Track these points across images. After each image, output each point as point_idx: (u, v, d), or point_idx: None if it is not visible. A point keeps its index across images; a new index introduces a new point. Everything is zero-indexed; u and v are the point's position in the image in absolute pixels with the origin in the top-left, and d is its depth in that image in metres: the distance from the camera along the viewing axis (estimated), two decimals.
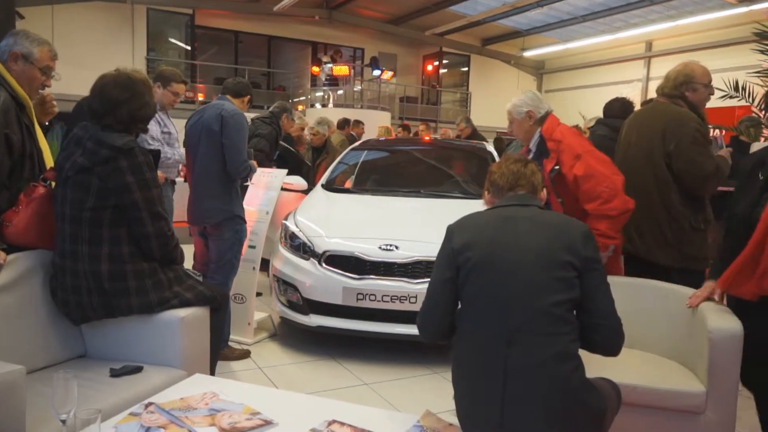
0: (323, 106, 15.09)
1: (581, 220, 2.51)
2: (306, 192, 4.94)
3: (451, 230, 1.89)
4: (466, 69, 19.45)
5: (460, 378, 1.80)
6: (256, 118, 5.18)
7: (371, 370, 3.55)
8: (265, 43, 17.38)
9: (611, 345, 1.81)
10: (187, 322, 2.29)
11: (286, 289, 3.89)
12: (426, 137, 8.04)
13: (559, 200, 2.96)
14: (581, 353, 1.72)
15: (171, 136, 3.91)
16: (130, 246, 2.27)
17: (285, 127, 5.28)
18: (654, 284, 2.72)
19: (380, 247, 3.66)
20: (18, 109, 2.37)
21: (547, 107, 3.05)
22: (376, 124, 9.86)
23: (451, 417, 1.91)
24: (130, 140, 2.25)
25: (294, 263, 3.86)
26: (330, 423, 1.81)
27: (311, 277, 3.73)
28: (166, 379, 2.15)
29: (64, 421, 1.50)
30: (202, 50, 17.00)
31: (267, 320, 4.27)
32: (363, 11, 16.86)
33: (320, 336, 3.90)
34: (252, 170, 3.56)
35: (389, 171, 5.43)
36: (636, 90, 15.50)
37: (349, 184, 5.01)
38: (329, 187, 4.86)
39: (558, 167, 2.89)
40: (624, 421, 1.99)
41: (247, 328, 3.95)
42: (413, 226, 3.90)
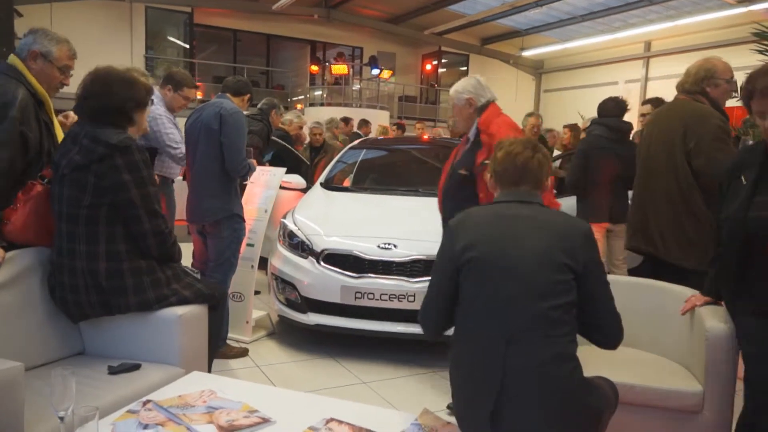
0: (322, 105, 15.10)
1: None
2: (305, 190, 4.94)
3: (452, 228, 1.88)
4: (465, 68, 19.41)
5: (458, 377, 1.80)
6: (246, 115, 5.19)
7: (369, 369, 3.55)
8: (264, 41, 17.36)
9: (610, 341, 1.84)
10: (185, 319, 2.29)
11: (285, 288, 3.90)
12: (424, 136, 8.07)
13: (481, 194, 2.81)
14: (579, 351, 1.72)
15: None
16: (128, 243, 2.26)
17: (274, 122, 5.32)
18: (652, 284, 2.72)
19: (379, 246, 3.66)
20: (36, 105, 2.37)
21: (489, 96, 2.93)
22: (375, 123, 9.89)
23: (449, 415, 1.91)
24: (126, 137, 2.24)
25: (292, 262, 3.86)
26: (328, 421, 1.81)
27: (309, 275, 3.73)
28: (164, 376, 2.15)
29: (62, 418, 1.50)
30: (201, 49, 16.99)
31: (265, 318, 4.26)
32: (362, 10, 16.84)
33: (318, 334, 3.90)
34: (251, 169, 3.56)
35: (388, 170, 5.43)
36: (633, 91, 15.50)
37: (347, 183, 5.01)
38: (328, 185, 4.86)
39: (488, 162, 2.82)
40: (621, 421, 2.00)
41: (245, 326, 3.95)
42: (412, 225, 3.90)
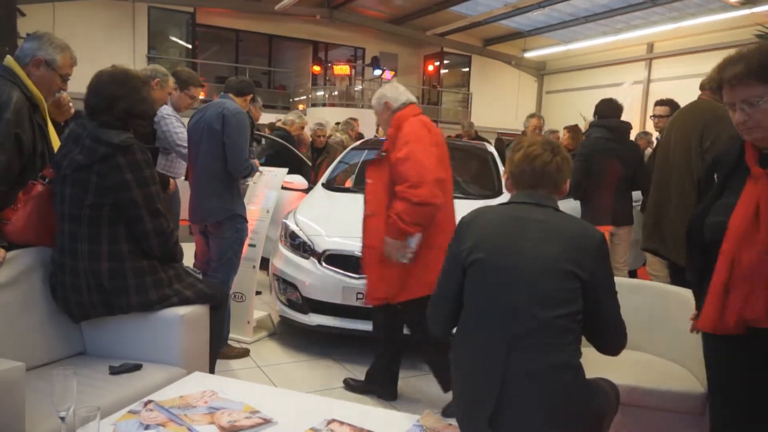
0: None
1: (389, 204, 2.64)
2: (306, 191, 4.93)
3: (462, 226, 1.87)
4: (467, 69, 19.42)
5: (458, 378, 1.80)
6: None
7: None
8: (266, 42, 17.38)
9: (613, 348, 1.83)
10: (186, 320, 2.29)
11: (286, 288, 3.89)
12: None
13: (369, 180, 2.94)
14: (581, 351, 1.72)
15: None
16: (130, 244, 2.26)
17: (255, 116, 5.31)
18: (653, 285, 2.73)
19: None
20: (31, 108, 2.36)
21: (405, 99, 2.96)
22: (376, 123, 9.88)
23: (451, 417, 1.91)
24: (128, 137, 2.24)
25: (294, 262, 3.86)
26: (329, 422, 1.81)
27: (311, 276, 3.73)
28: (166, 376, 2.15)
29: (63, 419, 1.50)
30: (203, 49, 17.03)
31: (266, 319, 4.26)
32: (364, 11, 16.85)
33: (320, 335, 3.89)
34: (253, 169, 3.56)
35: None
36: (636, 93, 15.50)
37: (349, 183, 5.01)
38: (330, 186, 4.86)
39: (385, 153, 2.88)
40: (623, 422, 2.00)
41: (246, 326, 3.95)
42: None
